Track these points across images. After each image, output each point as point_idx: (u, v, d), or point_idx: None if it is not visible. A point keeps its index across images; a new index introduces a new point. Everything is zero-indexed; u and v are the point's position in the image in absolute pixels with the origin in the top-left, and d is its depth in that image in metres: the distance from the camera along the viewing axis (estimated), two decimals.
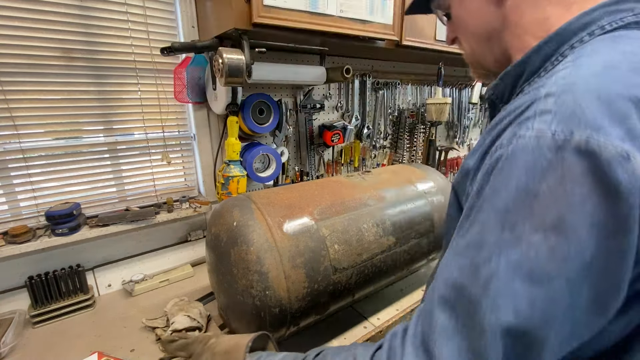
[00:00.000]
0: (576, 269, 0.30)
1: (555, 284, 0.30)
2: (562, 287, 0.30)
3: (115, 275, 1.18)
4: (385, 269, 0.94)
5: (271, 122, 1.33)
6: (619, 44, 0.36)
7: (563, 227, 0.29)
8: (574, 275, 0.30)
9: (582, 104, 0.31)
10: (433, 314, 0.35)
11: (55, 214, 1.02)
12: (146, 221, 1.17)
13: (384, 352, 0.37)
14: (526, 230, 0.31)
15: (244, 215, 0.78)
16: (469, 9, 0.49)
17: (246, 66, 1.01)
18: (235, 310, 0.81)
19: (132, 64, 1.14)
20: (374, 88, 1.75)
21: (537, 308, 0.30)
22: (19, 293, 1.03)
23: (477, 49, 0.52)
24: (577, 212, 0.29)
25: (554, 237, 0.30)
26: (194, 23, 1.21)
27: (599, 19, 0.38)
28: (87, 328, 0.98)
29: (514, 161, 0.33)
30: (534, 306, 0.30)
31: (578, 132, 0.30)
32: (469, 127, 2.33)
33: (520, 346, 0.31)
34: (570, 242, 0.29)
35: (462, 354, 0.32)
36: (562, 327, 0.30)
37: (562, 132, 0.30)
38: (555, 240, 0.30)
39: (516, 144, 0.33)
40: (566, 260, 0.29)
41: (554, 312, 0.30)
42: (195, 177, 1.38)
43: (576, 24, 0.39)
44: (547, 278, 0.30)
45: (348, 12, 1.11)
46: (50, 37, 1.00)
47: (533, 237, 0.30)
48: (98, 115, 1.13)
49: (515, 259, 0.31)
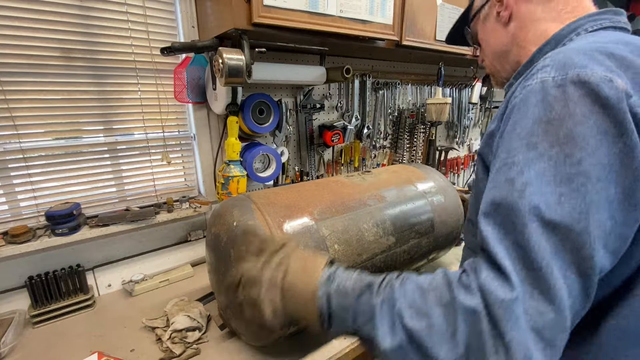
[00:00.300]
0: (594, 169, 0.37)
1: (575, 182, 0.37)
2: (583, 185, 0.37)
3: (115, 275, 1.18)
4: (385, 269, 0.94)
5: (271, 122, 1.33)
6: (596, 36, 0.49)
7: (573, 138, 0.38)
8: (594, 174, 0.37)
9: (571, 56, 0.42)
10: (482, 232, 0.41)
11: (55, 214, 1.02)
12: (146, 221, 1.17)
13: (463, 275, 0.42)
14: (546, 147, 0.39)
15: (244, 215, 0.78)
16: (487, 32, 0.66)
17: (246, 66, 1.01)
18: (235, 310, 0.81)
19: (132, 64, 1.14)
20: (374, 88, 1.75)
21: (565, 203, 0.37)
22: (19, 293, 1.03)
23: (497, 63, 0.67)
24: (583, 125, 0.38)
25: (567, 147, 0.38)
26: (194, 23, 1.21)
27: (584, 24, 0.52)
28: (87, 328, 0.98)
29: (527, 101, 0.43)
30: (561, 201, 0.37)
31: (571, 72, 0.40)
32: (469, 127, 2.33)
33: (565, 240, 0.37)
34: (581, 148, 0.37)
35: (509, 251, 0.38)
36: (600, 222, 0.37)
37: (559, 75, 0.41)
38: (569, 149, 0.38)
39: (526, 91, 0.43)
40: (580, 163, 0.37)
41: (582, 206, 0.37)
42: (195, 177, 1.38)
43: (567, 29, 0.53)
44: (567, 178, 0.38)
45: (348, 12, 1.11)
46: (50, 37, 1.00)
47: (552, 151, 0.39)
48: (98, 115, 1.13)
49: (542, 168, 0.39)
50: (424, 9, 1.35)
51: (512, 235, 0.39)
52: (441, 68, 1.75)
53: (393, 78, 1.81)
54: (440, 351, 0.38)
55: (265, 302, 0.50)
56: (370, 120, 1.78)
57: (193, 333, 0.90)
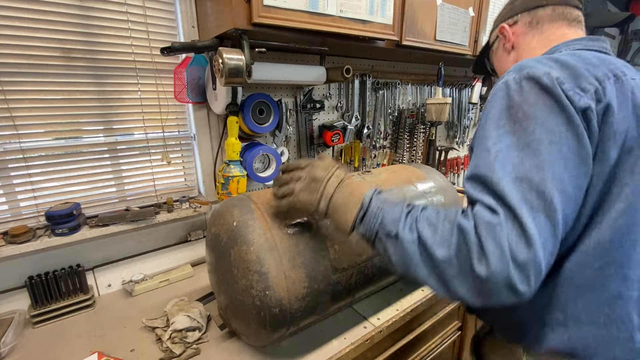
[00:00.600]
0: (545, 135, 0.50)
1: (532, 147, 0.50)
2: (538, 148, 0.50)
3: (115, 275, 1.18)
4: (385, 269, 0.94)
5: (271, 122, 1.33)
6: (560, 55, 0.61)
7: (527, 116, 0.52)
8: (546, 139, 0.50)
9: (526, 62, 0.58)
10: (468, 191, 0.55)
11: (55, 214, 1.02)
12: (146, 221, 1.17)
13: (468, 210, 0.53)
14: (510, 125, 0.53)
15: (244, 215, 0.78)
16: (498, 59, 0.86)
17: (246, 66, 1.01)
18: (235, 310, 0.81)
19: (132, 64, 1.14)
20: (374, 88, 1.75)
21: (526, 162, 0.50)
22: (19, 293, 1.03)
23: None
24: (534, 106, 0.52)
25: (525, 123, 0.52)
26: (194, 23, 1.21)
27: (560, 48, 0.68)
28: (87, 328, 0.98)
29: (495, 95, 0.58)
30: (523, 162, 0.50)
31: (524, 71, 0.55)
32: (469, 127, 2.33)
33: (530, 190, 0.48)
34: (535, 122, 0.51)
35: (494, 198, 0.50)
36: (555, 174, 0.49)
37: (517, 74, 0.56)
38: (526, 124, 0.52)
39: (494, 89, 0.59)
40: (534, 132, 0.51)
41: (538, 163, 0.49)
42: (195, 177, 1.38)
43: (548, 52, 0.69)
44: (526, 144, 0.51)
45: (348, 12, 1.11)
46: (50, 37, 1.00)
47: (514, 127, 0.53)
48: (98, 115, 1.13)
49: (509, 140, 0.52)
50: (424, 9, 1.36)
51: (492, 189, 0.50)
52: (441, 68, 1.75)
53: (393, 78, 1.81)
54: (437, 250, 0.51)
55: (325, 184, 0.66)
56: (370, 120, 1.78)
57: (193, 333, 0.90)
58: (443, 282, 0.51)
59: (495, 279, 0.46)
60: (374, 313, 1.01)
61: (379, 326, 0.96)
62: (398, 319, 1.00)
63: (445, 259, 0.50)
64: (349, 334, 0.93)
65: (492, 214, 0.48)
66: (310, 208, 0.68)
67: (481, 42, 1.65)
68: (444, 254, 0.50)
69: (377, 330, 0.95)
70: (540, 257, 0.46)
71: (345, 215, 0.62)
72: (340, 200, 0.64)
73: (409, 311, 1.04)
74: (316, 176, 0.67)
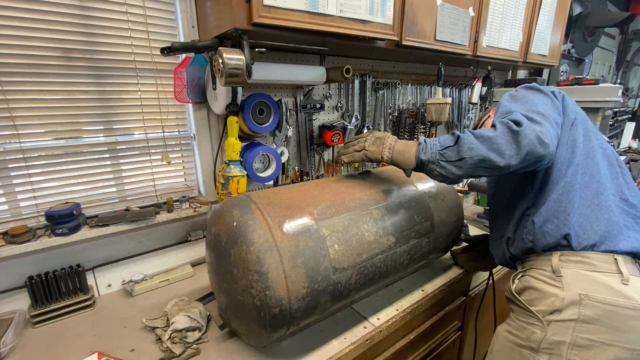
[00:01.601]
0: (536, 98, 0.90)
1: (529, 102, 0.88)
2: (533, 101, 0.88)
3: (115, 275, 1.18)
4: (385, 269, 0.94)
5: (271, 122, 1.33)
6: None
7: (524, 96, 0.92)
8: (536, 99, 0.89)
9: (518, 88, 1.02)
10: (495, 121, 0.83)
11: (55, 214, 1.02)
12: (146, 221, 1.17)
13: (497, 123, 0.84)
14: (514, 101, 0.91)
15: (244, 215, 0.78)
16: None
17: (246, 66, 1.01)
18: (235, 310, 0.82)
19: (132, 64, 1.14)
20: (374, 88, 1.75)
21: (527, 106, 0.86)
22: (19, 293, 1.03)
23: None
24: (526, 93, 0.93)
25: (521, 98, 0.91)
26: (194, 23, 1.21)
27: None
28: (87, 328, 0.98)
29: (502, 99, 0.95)
30: (525, 107, 0.86)
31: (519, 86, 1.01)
32: (469, 127, 2.33)
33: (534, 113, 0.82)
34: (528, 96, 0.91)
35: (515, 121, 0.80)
36: (547, 108, 0.86)
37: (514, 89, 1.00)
38: (522, 99, 0.91)
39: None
40: (528, 99, 0.90)
41: (535, 106, 0.86)
42: (195, 177, 1.38)
43: None
44: (524, 102, 0.88)
45: (348, 12, 1.11)
46: (50, 37, 1.00)
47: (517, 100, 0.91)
48: (98, 115, 1.13)
49: (515, 103, 0.89)
50: (424, 9, 1.35)
51: (511, 113, 0.83)
52: (441, 68, 1.75)
53: (393, 78, 1.81)
54: (489, 133, 0.80)
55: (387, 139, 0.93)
56: (370, 120, 1.78)
57: (193, 333, 0.90)
58: (497, 150, 0.77)
59: (529, 130, 0.76)
60: (374, 313, 1.02)
61: (379, 326, 0.96)
62: (398, 319, 1.00)
63: (496, 135, 0.78)
64: (349, 334, 0.93)
65: (514, 115, 0.81)
66: (378, 157, 0.93)
67: (481, 42, 1.65)
68: (494, 134, 0.79)
69: (377, 330, 0.95)
70: (550, 129, 0.80)
71: (407, 154, 0.89)
72: (400, 148, 0.90)
73: (409, 311, 1.04)
74: (379, 136, 0.95)
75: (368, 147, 0.95)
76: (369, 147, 0.94)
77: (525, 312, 0.88)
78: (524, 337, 0.87)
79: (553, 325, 0.82)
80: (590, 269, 0.81)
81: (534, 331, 0.85)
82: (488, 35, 1.68)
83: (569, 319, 0.80)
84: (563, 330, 0.80)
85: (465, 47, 1.59)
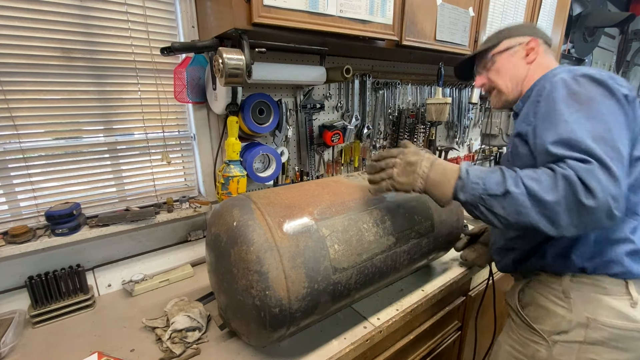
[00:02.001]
0: (606, 110, 0.69)
1: (598, 117, 0.68)
2: (604, 118, 0.68)
3: (115, 275, 1.18)
4: (385, 269, 0.94)
5: (271, 122, 1.33)
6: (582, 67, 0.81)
7: (590, 98, 0.71)
8: (607, 112, 0.69)
9: (571, 67, 0.80)
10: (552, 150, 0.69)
11: (55, 214, 1.02)
12: (146, 221, 1.17)
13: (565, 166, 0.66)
14: (577, 105, 0.71)
15: (244, 215, 0.78)
16: (512, 62, 0.96)
17: (246, 66, 1.01)
18: (235, 310, 0.81)
19: (132, 64, 1.14)
20: (374, 88, 1.75)
21: (598, 128, 0.67)
22: (19, 293, 1.03)
23: (511, 84, 0.96)
24: (592, 92, 0.71)
25: (587, 104, 0.70)
26: (194, 23, 1.21)
27: (558, 69, 0.87)
28: (87, 328, 0.98)
29: (555, 89, 0.75)
30: (595, 128, 0.67)
31: (577, 72, 0.76)
32: (469, 127, 2.33)
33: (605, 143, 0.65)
34: (595, 101, 0.70)
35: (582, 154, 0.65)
36: (618, 132, 0.67)
37: (569, 74, 0.76)
38: (588, 105, 0.70)
39: (551, 85, 0.77)
40: (597, 109, 0.69)
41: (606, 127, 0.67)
42: (195, 177, 1.38)
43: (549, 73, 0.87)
44: (592, 116, 0.69)
45: (348, 12, 1.11)
46: (50, 37, 1.00)
47: (580, 107, 0.70)
48: (98, 115, 1.13)
49: (577, 116, 0.69)
50: (424, 9, 1.36)
51: (578, 147, 0.65)
52: (441, 68, 1.75)
53: (393, 78, 1.81)
54: (546, 195, 0.63)
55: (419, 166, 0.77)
56: (370, 120, 1.78)
57: (193, 333, 0.90)
58: (552, 220, 0.64)
59: (602, 207, 0.60)
60: (374, 313, 1.01)
61: (379, 326, 0.96)
62: (398, 319, 1.00)
63: (555, 200, 0.63)
64: (349, 334, 0.93)
65: (586, 164, 0.63)
66: (408, 188, 0.78)
67: (481, 41, 1.65)
68: (554, 197, 0.63)
69: (377, 330, 0.95)
70: (623, 191, 0.62)
71: (442, 188, 0.75)
72: (436, 179, 0.75)
73: (409, 311, 1.04)
74: (410, 160, 0.78)
75: (396, 176, 0.79)
76: (398, 178, 0.79)
77: (528, 329, 0.88)
78: (528, 355, 0.87)
79: (559, 346, 0.82)
80: (600, 292, 0.80)
81: (538, 349, 0.85)
82: (488, 35, 1.68)
83: (574, 341, 0.80)
84: (568, 351, 0.81)
85: (465, 47, 1.59)
